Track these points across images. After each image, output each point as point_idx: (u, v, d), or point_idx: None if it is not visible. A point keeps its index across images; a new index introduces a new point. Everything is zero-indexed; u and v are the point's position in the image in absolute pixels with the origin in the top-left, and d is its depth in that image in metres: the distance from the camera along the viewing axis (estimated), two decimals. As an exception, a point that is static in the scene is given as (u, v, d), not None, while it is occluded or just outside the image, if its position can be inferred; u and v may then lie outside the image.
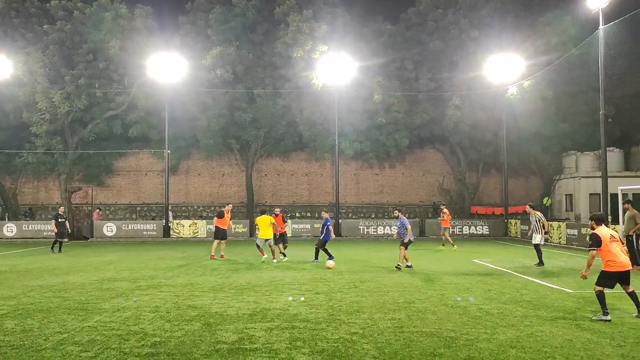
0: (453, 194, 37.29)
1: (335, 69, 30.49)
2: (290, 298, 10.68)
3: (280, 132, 34.43)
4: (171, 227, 30.92)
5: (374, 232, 31.26)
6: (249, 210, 35.71)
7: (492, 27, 33.39)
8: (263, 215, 17.75)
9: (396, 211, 16.41)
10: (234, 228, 20.21)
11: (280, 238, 18.41)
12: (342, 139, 33.41)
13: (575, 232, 24.14)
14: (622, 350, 6.88)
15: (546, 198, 35.84)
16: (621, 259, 8.79)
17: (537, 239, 16.37)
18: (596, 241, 8.86)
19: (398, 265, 15.50)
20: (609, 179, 22.77)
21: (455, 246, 22.42)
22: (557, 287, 12.16)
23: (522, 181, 37.37)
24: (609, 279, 8.84)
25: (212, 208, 36.06)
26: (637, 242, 15.04)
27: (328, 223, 17.28)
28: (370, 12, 37.44)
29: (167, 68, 29.93)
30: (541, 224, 16.46)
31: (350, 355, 6.73)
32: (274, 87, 34.03)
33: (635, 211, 15.01)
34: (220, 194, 36.89)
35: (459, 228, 31.81)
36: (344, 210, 36.11)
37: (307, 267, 16.31)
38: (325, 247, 17.19)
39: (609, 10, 22.65)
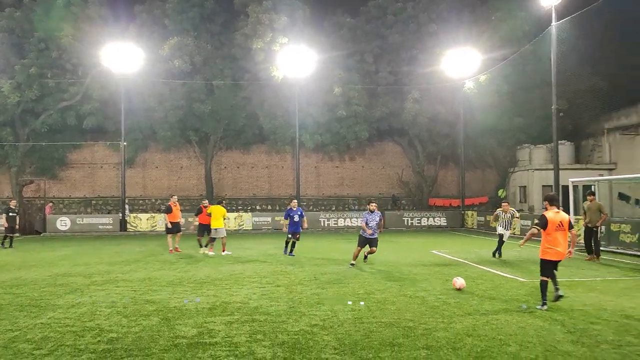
0: (412, 186, 37.83)
1: (295, 61, 30.36)
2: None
3: (240, 124, 34.13)
4: (128, 221, 30.27)
5: (334, 224, 31.41)
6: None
7: (449, 22, 33.87)
8: (218, 205, 17.96)
9: (372, 205, 14.50)
10: (194, 221, 19.87)
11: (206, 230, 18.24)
12: (302, 132, 33.38)
13: (529, 223, 24.88)
14: (572, 337, 7.15)
15: (501, 190, 36.77)
16: (558, 248, 8.99)
17: (506, 235, 16.38)
18: (543, 223, 9.02)
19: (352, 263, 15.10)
20: (560, 171, 23.54)
21: None
22: (511, 277, 12.52)
23: (478, 173, 38.23)
24: (546, 267, 9.10)
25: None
26: (597, 233, 15.52)
27: (291, 213, 16.96)
28: (330, 5, 37.44)
29: (123, 58, 29.12)
30: (513, 220, 16.61)
31: (310, 347, 6.76)
32: (233, 78, 33.64)
33: (600, 203, 15.42)
34: (179, 187, 36.32)
35: (417, 220, 32.33)
36: (304, 203, 36.14)
37: (267, 260, 16.28)
38: (287, 239, 17.06)
39: (562, 7, 23.33)
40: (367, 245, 14.52)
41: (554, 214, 9.08)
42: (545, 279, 9.06)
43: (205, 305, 9.38)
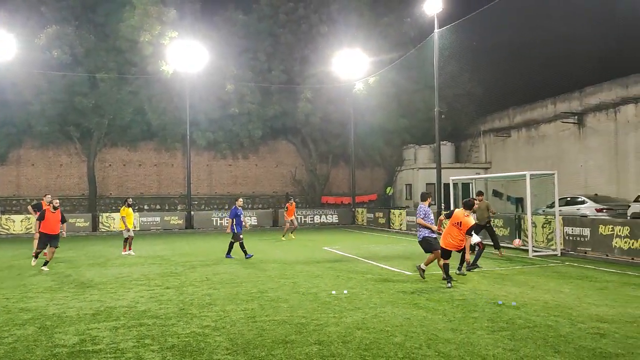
0: (305, 184, 38.34)
1: (186, 56, 29.53)
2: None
3: (126, 120, 32.47)
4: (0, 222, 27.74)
5: (227, 223, 30.93)
6: (91, 203, 33.32)
7: (340, 24, 34.71)
8: (130, 207, 17.67)
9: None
10: (76, 222, 18.68)
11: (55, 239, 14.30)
12: (194, 129, 32.56)
13: (414, 218, 26.18)
14: (452, 325, 7.64)
15: (389, 188, 38.49)
16: (448, 240, 11.04)
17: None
18: (449, 214, 11.32)
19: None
20: (442, 170, 25.09)
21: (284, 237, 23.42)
22: (397, 270, 13.12)
23: (367, 172, 39.59)
24: (445, 253, 11.04)
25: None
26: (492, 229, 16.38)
27: (239, 212, 16.30)
28: (222, 0, 36.84)
29: (-8, 45, 26.63)
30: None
31: (202, 349, 6.62)
32: (119, 72, 31.91)
33: (488, 202, 16.27)
34: (58, 186, 33.85)
35: (310, 217, 32.84)
36: (196, 202, 35.31)
37: (157, 261, 15.70)
38: (240, 241, 16.11)
39: (444, 15, 24.92)
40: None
41: (459, 211, 11.18)
42: (445, 261, 10.95)
43: (88, 311, 8.85)
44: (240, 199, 17.15)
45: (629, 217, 19.63)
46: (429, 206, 11.81)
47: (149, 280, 12.02)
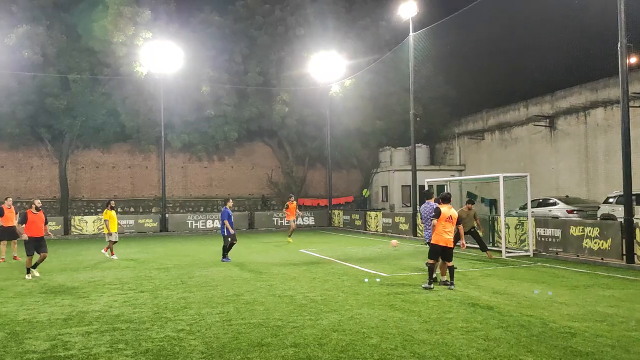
0: (281, 186, 38.25)
1: (161, 57, 29.20)
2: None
3: (99, 122, 31.92)
4: (-33, 227, 26.97)
5: (202, 226, 30.73)
6: (63, 206, 32.69)
7: (316, 27, 34.74)
8: (113, 210, 17.34)
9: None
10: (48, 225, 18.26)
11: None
12: (169, 131, 32.22)
13: (390, 220, 26.38)
14: (427, 326, 7.71)
15: (365, 190, 38.67)
16: (445, 236, 10.75)
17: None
18: (437, 213, 10.88)
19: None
20: (417, 172, 25.32)
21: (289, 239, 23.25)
22: (374, 272, 13.18)
23: (344, 174, 39.71)
24: (434, 252, 10.84)
25: (19, 204, 32.22)
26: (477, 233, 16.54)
27: (230, 213, 16.19)
28: (197, 1, 36.55)
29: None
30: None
31: (176, 353, 6.56)
32: (91, 73, 31.33)
33: (475, 210, 16.45)
34: (29, 188, 33.12)
35: (286, 220, 32.72)
36: (171, 205, 34.93)
37: (130, 265, 15.49)
38: (225, 245, 16.00)
39: (419, 19, 25.17)
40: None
41: (444, 207, 10.92)
42: (431, 262, 10.83)
43: (59, 316, 8.68)
44: (231, 200, 17.04)
45: (598, 218, 20.10)
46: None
47: (123, 284, 11.85)
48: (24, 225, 12.97)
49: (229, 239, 16.12)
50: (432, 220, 11.09)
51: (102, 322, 8.20)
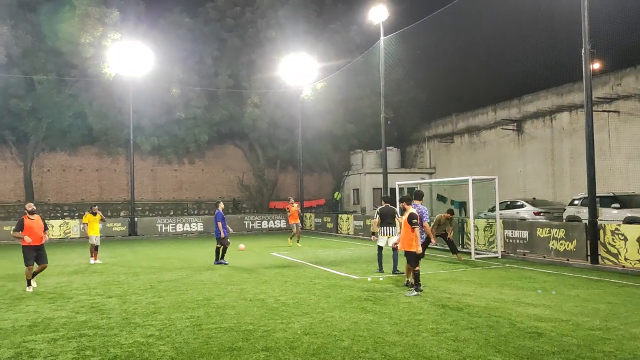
0: (252, 189, 38.09)
1: (129, 59, 28.78)
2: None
3: (66, 124, 31.29)
4: None
5: (172, 229, 30.34)
6: (29, 210, 31.85)
7: (287, 30, 34.76)
8: (93, 215, 17.30)
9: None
10: (11, 229, 17.85)
11: None
12: (138, 133, 31.76)
13: (361, 223, 26.49)
14: (398, 328, 7.77)
15: (337, 193, 38.78)
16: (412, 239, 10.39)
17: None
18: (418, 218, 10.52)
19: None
20: (388, 175, 25.52)
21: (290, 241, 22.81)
22: (345, 275, 13.21)
23: (315, 177, 39.76)
24: (417, 257, 10.40)
25: (-19, 209, 31.37)
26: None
27: (223, 215, 16.07)
28: (167, 3, 36.16)
29: None
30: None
31: (145, 359, 6.45)
32: (58, 74, 30.70)
33: (452, 217, 16.73)
34: (-8, 192, 32.25)
35: (258, 223, 32.62)
36: (140, 208, 34.40)
37: (98, 269, 15.19)
38: (218, 248, 15.88)
39: (390, 23, 25.42)
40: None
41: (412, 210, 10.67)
42: (417, 268, 10.38)
43: (24, 322, 8.45)
44: (222, 203, 16.81)
45: (564, 220, 20.57)
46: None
47: (90, 290, 11.61)
48: (20, 232, 11.52)
49: (223, 241, 15.93)
50: (419, 225, 10.53)
51: (68, 329, 8.02)
